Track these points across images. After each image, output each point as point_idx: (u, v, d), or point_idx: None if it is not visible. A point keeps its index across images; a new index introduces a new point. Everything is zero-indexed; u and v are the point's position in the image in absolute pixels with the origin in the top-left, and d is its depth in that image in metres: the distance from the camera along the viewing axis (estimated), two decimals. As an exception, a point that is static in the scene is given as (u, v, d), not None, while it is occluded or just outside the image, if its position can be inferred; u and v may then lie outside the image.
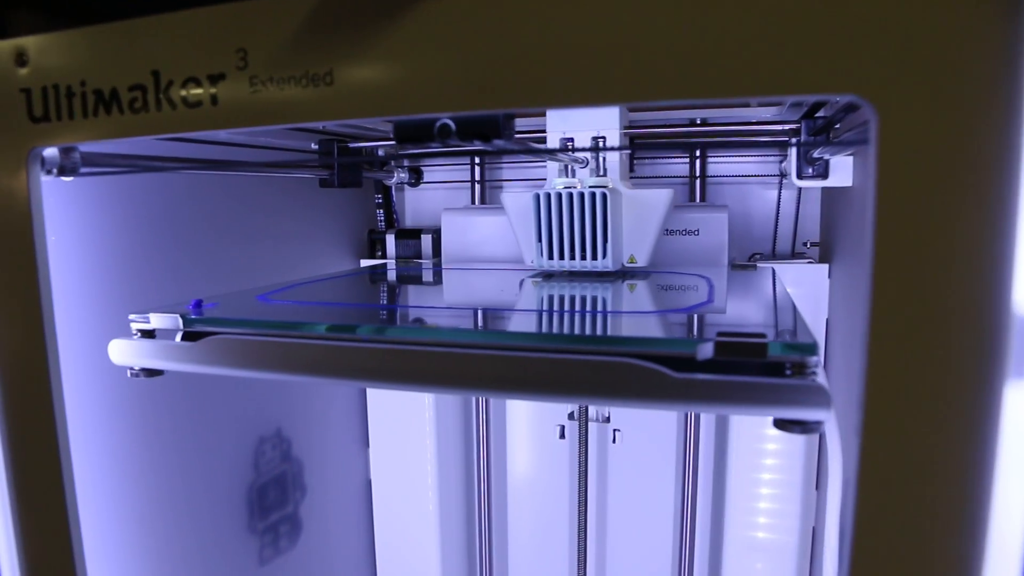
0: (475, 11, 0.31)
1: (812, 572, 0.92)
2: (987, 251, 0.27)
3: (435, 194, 1.12)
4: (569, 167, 0.70)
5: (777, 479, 0.91)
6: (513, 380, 0.37)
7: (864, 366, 0.28)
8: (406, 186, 1.11)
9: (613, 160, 0.70)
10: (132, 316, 0.48)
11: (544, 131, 0.74)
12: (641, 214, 0.70)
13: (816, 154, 0.70)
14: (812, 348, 0.35)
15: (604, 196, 0.66)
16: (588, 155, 0.71)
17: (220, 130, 0.38)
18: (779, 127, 0.78)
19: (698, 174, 0.94)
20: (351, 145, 0.88)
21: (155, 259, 0.68)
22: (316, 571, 0.96)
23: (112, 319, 0.62)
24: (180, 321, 0.47)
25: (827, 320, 0.87)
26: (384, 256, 1.06)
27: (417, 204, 1.14)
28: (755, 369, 0.36)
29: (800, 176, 0.74)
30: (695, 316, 0.50)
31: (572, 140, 0.72)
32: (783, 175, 0.91)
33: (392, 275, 0.85)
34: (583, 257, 0.68)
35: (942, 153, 0.27)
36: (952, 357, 0.27)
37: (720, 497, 0.98)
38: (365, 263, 1.06)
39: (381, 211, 1.09)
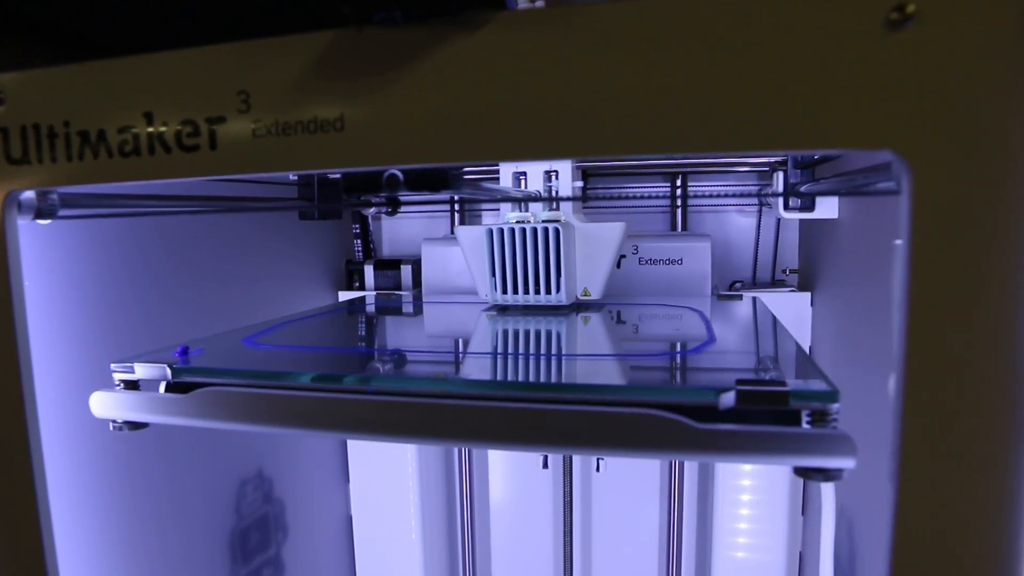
0: (509, 54, 0.30)
1: (800, 599, 0.92)
2: (1021, 303, 0.27)
3: (412, 222, 1.11)
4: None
5: (762, 501, 0.91)
6: (529, 433, 0.36)
7: (900, 423, 0.28)
8: (383, 215, 1.09)
9: (565, 193, 0.70)
10: (114, 365, 0.46)
11: (496, 165, 0.73)
12: (594, 247, 0.70)
13: (804, 189, 0.71)
14: (834, 395, 0.35)
15: (557, 231, 0.65)
16: (541, 189, 0.70)
17: (219, 176, 0.36)
18: (762, 158, 0.78)
19: (679, 203, 0.95)
20: (331, 175, 0.86)
21: (131, 294, 0.65)
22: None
23: (84, 360, 0.59)
24: (168, 371, 0.44)
25: (810, 347, 0.87)
26: (362, 287, 1.04)
27: (394, 232, 1.12)
28: (774, 416, 0.36)
29: (786, 208, 0.75)
30: (703, 358, 0.49)
31: (525, 175, 0.71)
32: (765, 204, 0.92)
33: (372, 309, 0.83)
34: (537, 291, 0.67)
35: (974, 206, 0.27)
36: (985, 410, 0.27)
37: (706, 523, 0.97)
38: (344, 295, 1.03)
39: (359, 241, 1.07)
